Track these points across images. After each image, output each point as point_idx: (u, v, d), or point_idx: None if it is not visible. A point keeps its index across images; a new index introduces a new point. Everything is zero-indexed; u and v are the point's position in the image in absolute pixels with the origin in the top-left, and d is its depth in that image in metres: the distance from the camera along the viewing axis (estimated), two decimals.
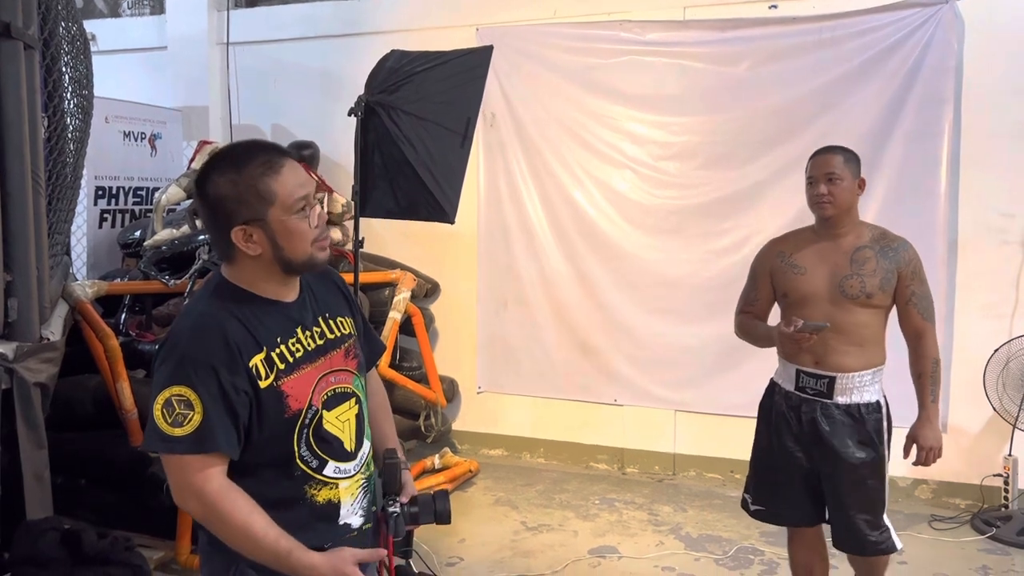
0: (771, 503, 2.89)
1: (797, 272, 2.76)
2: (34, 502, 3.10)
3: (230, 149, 1.61)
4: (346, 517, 1.65)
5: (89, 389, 3.98)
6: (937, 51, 4.24)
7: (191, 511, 1.55)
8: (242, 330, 1.54)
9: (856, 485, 2.70)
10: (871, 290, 2.66)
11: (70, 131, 3.53)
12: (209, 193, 1.56)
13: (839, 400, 2.70)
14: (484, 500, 4.54)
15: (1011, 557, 3.80)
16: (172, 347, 1.53)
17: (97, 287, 3.89)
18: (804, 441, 2.77)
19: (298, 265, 1.61)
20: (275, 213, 1.55)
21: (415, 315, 4.94)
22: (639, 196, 4.84)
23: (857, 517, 2.71)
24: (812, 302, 2.71)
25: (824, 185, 2.68)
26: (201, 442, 1.49)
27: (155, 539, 3.69)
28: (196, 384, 1.49)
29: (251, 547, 1.53)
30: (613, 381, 4.98)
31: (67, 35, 3.50)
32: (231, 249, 1.58)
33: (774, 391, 2.88)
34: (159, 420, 1.49)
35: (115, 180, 5.15)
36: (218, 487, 1.51)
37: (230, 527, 1.52)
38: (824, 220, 2.75)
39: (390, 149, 3.53)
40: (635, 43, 4.77)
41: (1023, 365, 4.02)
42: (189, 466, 1.50)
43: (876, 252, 2.69)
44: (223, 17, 5.72)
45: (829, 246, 2.74)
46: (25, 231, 3.04)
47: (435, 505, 1.72)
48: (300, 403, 1.58)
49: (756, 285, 2.91)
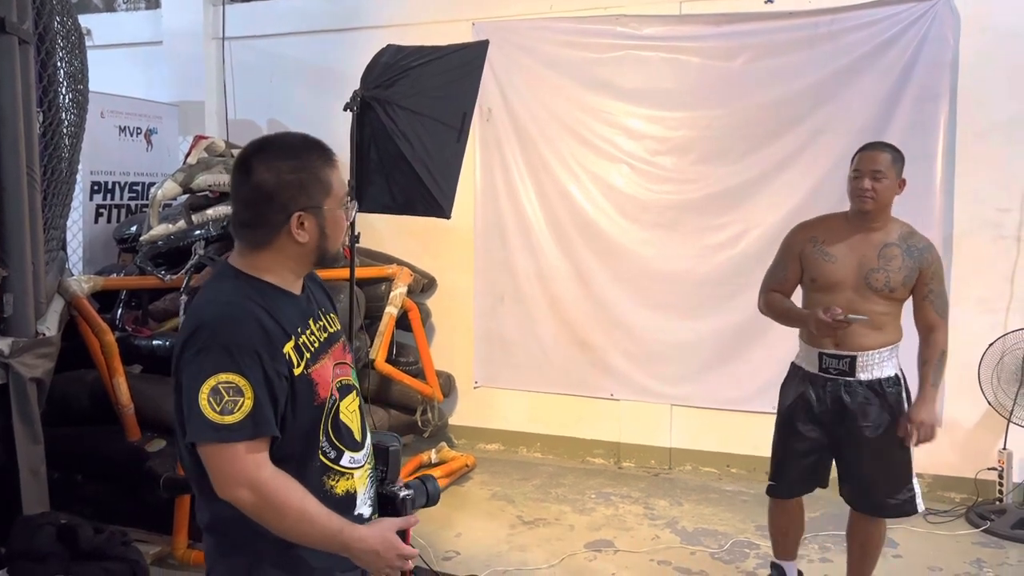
0: (781, 478, 3.08)
1: (828, 260, 2.90)
2: (30, 497, 3.10)
3: (285, 139, 1.63)
4: (360, 507, 1.67)
5: (86, 384, 3.98)
6: (933, 46, 4.24)
7: (241, 501, 1.49)
8: (270, 319, 1.54)
9: (879, 455, 2.87)
10: (895, 285, 2.82)
11: (65, 126, 3.52)
12: (266, 179, 1.55)
13: (861, 377, 2.87)
14: (481, 494, 4.55)
15: (1005, 550, 3.82)
16: (209, 335, 1.49)
17: (93, 282, 3.89)
18: (826, 419, 2.93)
19: (330, 257, 1.65)
20: (329, 203, 1.60)
21: (412, 310, 4.94)
22: (635, 191, 4.84)
23: (883, 484, 2.89)
24: (838, 289, 2.87)
25: (869, 180, 2.80)
26: (257, 426, 1.47)
27: (152, 534, 3.69)
28: (244, 370, 1.47)
29: (307, 529, 1.52)
30: (609, 376, 4.99)
31: (62, 30, 3.49)
32: (273, 236, 1.58)
33: (796, 373, 3.03)
34: (206, 409, 1.45)
35: (111, 175, 5.14)
36: (271, 473, 1.49)
37: (287, 512, 1.49)
38: (862, 213, 2.87)
39: (386, 144, 3.53)
40: (631, 38, 4.77)
41: (1018, 359, 4.03)
42: (240, 455, 1.47)
43: (903, 250, 2.84)
44: (219, 12, 5.70)
45: (860, 238, 2.87)
46: (20, 226, 3.04)
47: (426, 487, 1.80)
48: (326, 392, 1.60)
49: (786, 266, 3.04)
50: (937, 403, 2.93)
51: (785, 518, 3.17)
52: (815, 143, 4.46)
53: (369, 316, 4.71)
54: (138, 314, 4.46)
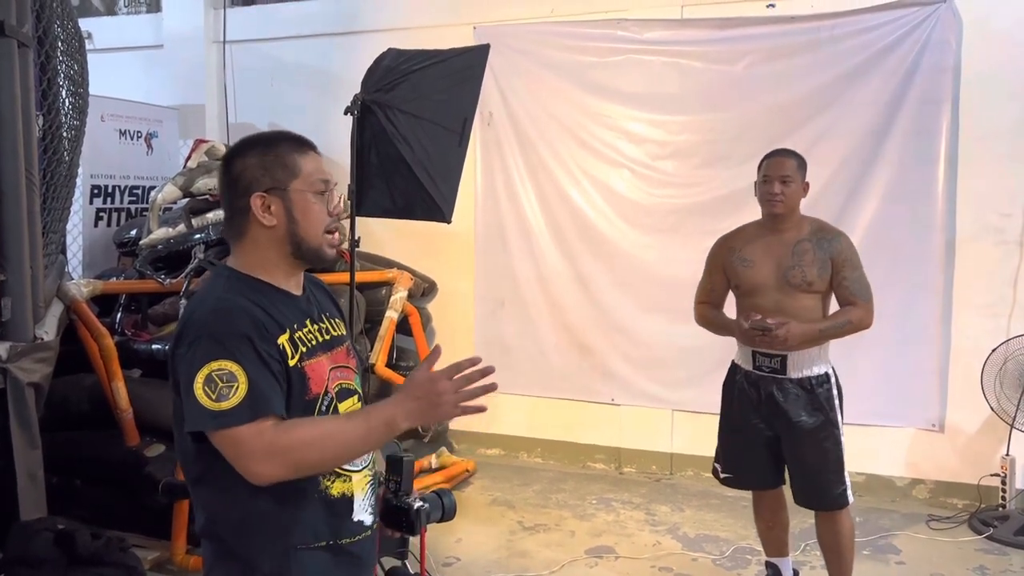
0: (737, 470, 3.23)
1: (746, 265, 3.08)
2: (28, 502, 3.08)
3: (261, 134, 1.66)
4: (359, 513, 1.65)
5: (84, 388, 3.97)
6: (935, 50, 4.23)
7: (270, 474, 1.46)
8: (262, 313, 1.54)
9: (814, 448, 3.00)
10: (811, 278, 2.97)
11: (65, 129, 3.51)
12: (235, 167, 1.60)
13: (792, 375, 3.01)
14: (481, 500, 4.53)
15: (1008, 557, 3.80)
16: (198, 329, 1.50)
17: (92, 286, 3.88)
18: (764, 413, 3.08)
19: (307, 249, 1.61)
20: (297, 185, 1.59)
21: (412, 314, 4.92)
22: (637, 195, 4.83)
23: (818, 476, 3.01)
24: (761, 291, 3.03)
25: (778, 184, 2.97)
26: (255, 408, 1.45)
27: (150, 539, 3.67)
28: (236, 355, 1.46)
29: (342, 448, 1.50)
30: (610, 380, 4.97)
31: (62, 33, 3.48)
32: (245, 222, 1.59)
33: (736, 371, 3.19)
34: (202, 398, 1.45)
35: (111, 179, 5.13)
36: (272, 432, 1.46)
37: (312, 447, 1.47)
38: (773, 216, 3.03)
39: (386, 148, 3.52)
40: (633, 42, 4.76)
41: (1020, 365, 4.01)
42: (245, 436, 1.45)
43: (813, 244, 2.99)
44: (219, 15, 5.70)
45: (774, 240, 3.04)
46: (19, 230, 3.03)
47: (442, 501, 1.79)
48: (319, 388, 1.59)
49: (711, 278, 3.24)
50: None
51: (765, 509, 3.26)
52: (817, 148, 4.42)
53: (369, 320, 4.69)
54: (137, 318, 4.45)
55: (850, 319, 2.98)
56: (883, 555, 3.80)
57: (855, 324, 2.98)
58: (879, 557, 3.79)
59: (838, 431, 3.00)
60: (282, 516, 1.56)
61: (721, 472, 3.30)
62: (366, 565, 1.70)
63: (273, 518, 1.55)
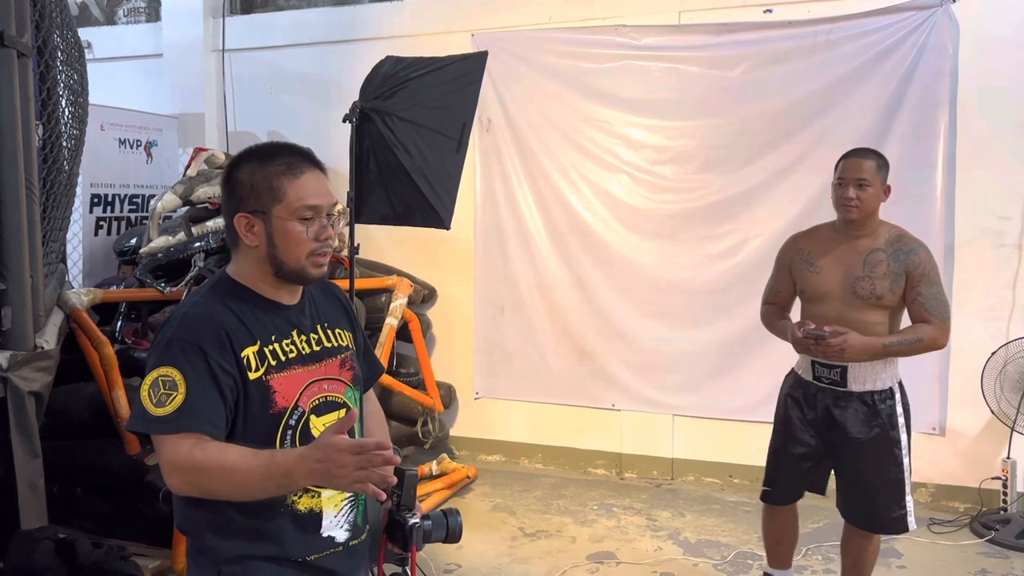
0: (776, 483, 3.06)
1: (813, 271, 2.89)
2: (28, 511, 3.08)
3: (264, 144, 1.65)
4: (329, 529, 1.63)
5: (85, 397, 3.96)
6: (932, 54, 4.24)
7: (177, 487, 1.49)
8: (235, 321, 1.56)
9: (870, 466, 2.83)
10: (881, 292, 2.77)
11: (65, 139, 3.52)
12: (232, 177, 1.61)
13: (853, 388, 2.82)
14: (482, 506, 4.52)
15: (1010, 560, 3.79)
16: (165, 331, 1.56)
17: (93, 295, 3.88)
18: (817, 425, 2.91)
19: (288, 271, 1.61)
20: (279, 211, 1.57)
21: (412, 321, 4.93)
22: (635, 200, 4.84)
23: (874, 498, 2.84)
24: (825, 299, 2.85)
25: (853, 189, 2.76)
26: (181, 421, 1.47)
27: (151, 547, 3.66)
28: (183, 364, 1.49)
29: (241, 478, 1.43)
30: (611, 386, 4.97)
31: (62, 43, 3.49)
32: (235, 236, 1.62)
33: (792, 379, 3.03)
34: (144, 400, 1.49)
35: (111, 187, 5.14)
36: (188, 448, 1.45)
37: (210, 473, 1.44)
38: (848, 222, 2.83)
39: (385, 155, 3.53)
40: (630, 48, 4.77)
41: (1021, 367, 4.01)
42: (168, 444, 1.48)
43: (888, 255, 2.78)
44: (219, 24, 5.72)
45: (846, 248, 2.84)
46: (19, 239, 3.03)
47: (447, 521, 1.75)
48: (287, 401, 1.58)
49: (778, 278, 3.07)
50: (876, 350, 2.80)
51: (777, 525, 3.15)
52: (815, 152, 4.45)
53: (369, 327, 4.70)
54: (138, 326, 4.45)
55: (921, 336, 2.75)
56: (884, 559, 3.78)
57: (927, 343, 2.76)
58: (881, 561, 3.75)
59: (900, 451, 2.81)
60: (247, 525, 1.56)
61: (763, 485, 3.11)
62: None
63: (237, 525, 1.56)
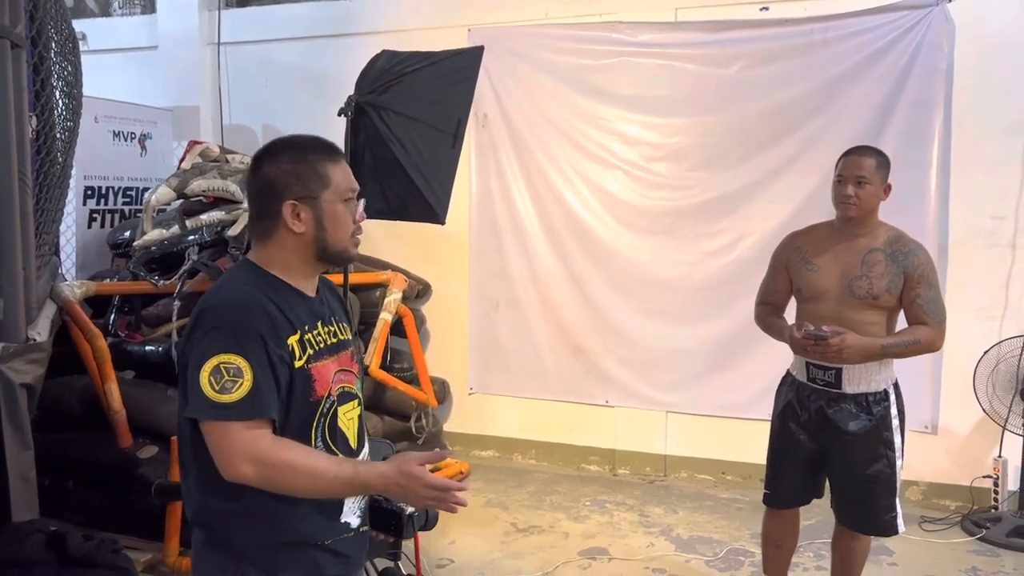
0: (777, 486, 3.03)
1: (811, 269, 2.86)
2: (20, 504, 3.07)
3: (294, 138, 1.69)
4: (346, 515, 1.67)
5: (77, 390, 3.96)
6: (928, 53, 4.25)
7: (246, 477, 1.51)
8: (277, 310, 1.58)
9: (863, 467, 2.81)
10: (878, 292, 2.74)
11: (59, 130, 3.50)
12: (267, 170, 1.63)
13: (847, 390, 2.80)
14: (475, 501, 4.52)
15: (1000, 558, 3.81)
16: (216, 317, 1.55)
17: (86, 287, 3.87)
18: (810, 426, 2.89)
19: (333, 253, 1.66)
20: (328, 195, 1.63)
21: (406, 316, 4.92)
22: (631, 197, 4.84)
23: (867, 499, 2.83)
24: (822, 299, 2.82)
25: (852, 187, 2.73)
26: (254, 407, 1.50)
27: (143, 541, 3.66)
28: (247, 352, 1.51)
29: (323, 484, 1.53)
30: (604, 382, 4.98)
31: (56, 35, 3.47)
32: (274, 226, 1.62)
33: (787, 381, 3.01)
34: (206, 387, 1.49)
35: (105, 180, 5.12)
36: (269, 443, 1.51)
37: (297, 473, 1.51)
38: (846, 220, 2.81)
39: (380, 149, 3.52)
40: (627, 44, 4.77)
41: (1012, 367, 4.03)
42: (237, 432, 1.50)
43: (887, 255, 2.75)
44: (214, 17, 5.70)
45: (844, 246, 2.81)
46: (11, 231, 3.01)
47: (426, 511, 1.79)
48: (323, 390, 1.62)
49: (774, 277, 3.02)
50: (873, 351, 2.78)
51: (780, 530, 3.11)
52: (810, 150, 4.46)
53: (363, 322, 4.70)
54: (131, 319, 4.43)
55: (919, 338, 2.74)
56: (876, 556, 3.79)
57: (924, 345, 2.75)
58: (872, 559, 3.76)
59: (893, 452, 2.80)
60: (272, 511, 1.57)
61: (764, 488, 3.08)
62: (355, 564, 1.73)
63: (263, 512, 1.57)
